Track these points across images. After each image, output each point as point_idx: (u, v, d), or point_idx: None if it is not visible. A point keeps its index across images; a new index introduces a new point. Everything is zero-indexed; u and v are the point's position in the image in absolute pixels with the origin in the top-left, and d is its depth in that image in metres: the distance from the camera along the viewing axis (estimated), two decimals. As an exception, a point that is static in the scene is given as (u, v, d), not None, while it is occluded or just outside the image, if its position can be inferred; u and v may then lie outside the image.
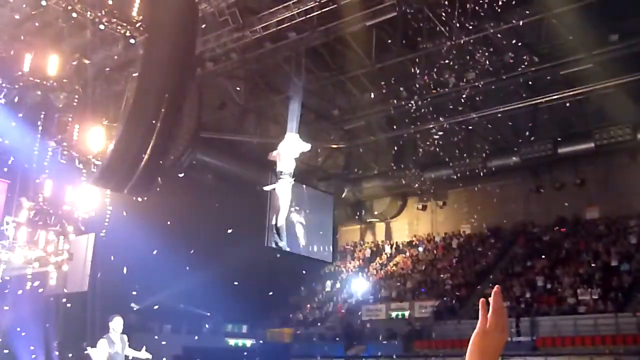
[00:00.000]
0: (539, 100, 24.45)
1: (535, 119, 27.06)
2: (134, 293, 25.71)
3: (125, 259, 24.29)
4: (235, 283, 26.99)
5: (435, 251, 34.23)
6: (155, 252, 23.87)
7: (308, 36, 20.43)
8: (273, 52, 21.78)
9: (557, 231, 30.03)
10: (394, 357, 26.89)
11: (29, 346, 22.20)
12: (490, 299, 2.06)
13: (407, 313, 29.82)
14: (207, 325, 30.75)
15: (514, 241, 31.33)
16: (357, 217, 38.10)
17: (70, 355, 22.18)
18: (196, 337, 28.90)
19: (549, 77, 23.47)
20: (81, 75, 20.97)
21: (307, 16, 19.29)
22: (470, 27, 20.80)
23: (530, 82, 24.22)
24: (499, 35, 21.90)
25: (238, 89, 27.19)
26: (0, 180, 22.84)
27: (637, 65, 21.49)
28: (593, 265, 26.31)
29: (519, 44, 22.24)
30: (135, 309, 26.70)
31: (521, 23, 20.60)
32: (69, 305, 23.54)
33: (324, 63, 25.75)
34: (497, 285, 2.13)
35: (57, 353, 22.69)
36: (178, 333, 29.10)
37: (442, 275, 31.32)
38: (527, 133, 28.17)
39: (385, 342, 28.65)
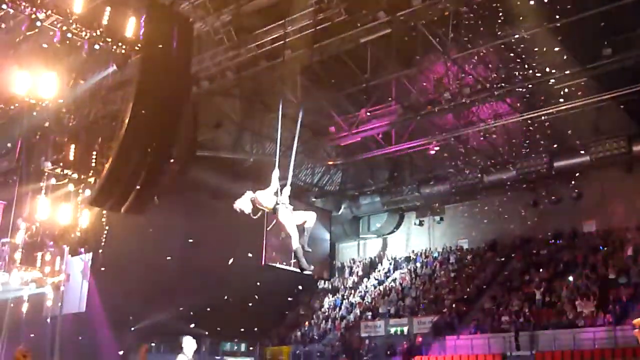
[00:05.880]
0: (534, 115, 24.52)
1: (531, 133, 27.16)
2: (131, 317, 25.56)
3: (122, 279, 24.21)
4: (232, 301, 26.88)
5: (433, 266, 34.15)
6: (153, 271, 23.81)
7: (303, 54, 20.49)
8: (268, 70, 21.84)
9: (554, 245, 30.01)
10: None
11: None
12: None
13: (406, 329, 29.69)
14: (204, 345, 30.57)
15: (512, 255, 31.29)
16: (354, 233, 38.05)
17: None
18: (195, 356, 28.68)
19: (543, 92, 23.55)
20: (77, 96, 20.99)
21: (302, 34, 19.35)
22: (464, 43, 20.95)
23: (525, 97, 24.32)
24: (492, 50, 22.05)
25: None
26: (-3, 201, 22.80)
27: (630, 79, 21.59)
28: (591, 278, 26.25)
29: (513, 58, 22.38)
30: (132, 329, 26.56)
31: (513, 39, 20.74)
32: (66, 326, 23.39)
33: (320, 80, 25.81)
34: None
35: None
36: (176, 352, 28.87)
37: (440, 291, 31.23)
38: (523, 147, 28.30)
39: (384, 358, 28.50)
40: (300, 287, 34.18)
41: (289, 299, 34.16)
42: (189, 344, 10.46)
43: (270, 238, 29.61)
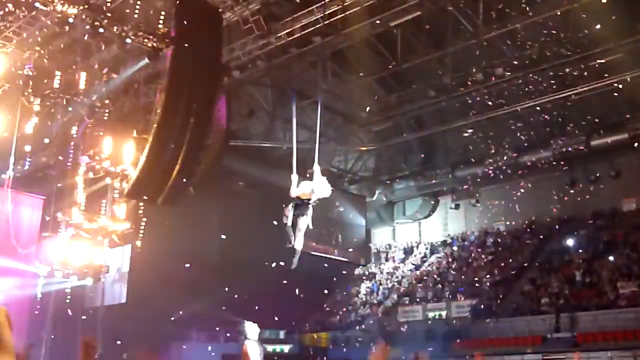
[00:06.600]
0: (569, 93, 24.11)
1: (567, 112, 26.71)
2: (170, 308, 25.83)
3: (161, 269, 24.49)
4: (269, 289, 27.02)
5: (470, 250, 33.92)
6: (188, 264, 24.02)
7: (333, 40, 20.43)
8: (299, 57, 21.82)
9: (593, 224, 29.54)
10: (432, 358, 26.64)
11: None
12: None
13: (444, 313, 29.57)
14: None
15: (550, 236, 30.89)
16: (389, 218, 37.95)
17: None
18: (234, 345, 29.04)
19: (578, 69, 23.13)
20: (111, 90, 21.25)
21: (331, 20, 19.28)
22: (496, 22, 20.64)
23: (559, 75, 23.90)
24: (525, 30, 21.70)
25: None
26: (37, 196, 23.22)
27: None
28: (632, 257, 25.82)
29: (547, 37, 22.00)
30: (172, 318, 26.89)
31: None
32: (107, 317, 23.79)
33: (350, 65, 25.70)
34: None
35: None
36: (217, 341, 29.24)
37: (478, 274, 31.02)
38: (559, 127, 27.84)
39: (423, 343, 28.39)
40: (337, 274, 34.23)
41: (326, 285, 34.21)
42: (252, 328, 9.85)
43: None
